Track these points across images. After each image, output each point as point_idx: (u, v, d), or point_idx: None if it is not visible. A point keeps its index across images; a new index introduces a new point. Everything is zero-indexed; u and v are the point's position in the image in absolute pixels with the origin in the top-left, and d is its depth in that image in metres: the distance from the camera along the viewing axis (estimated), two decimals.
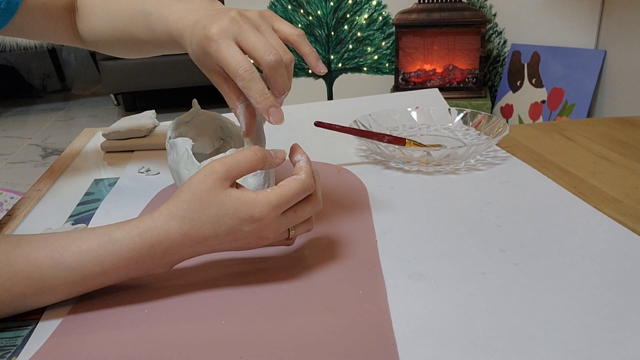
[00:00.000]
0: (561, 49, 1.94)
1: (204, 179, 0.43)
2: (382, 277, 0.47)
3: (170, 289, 0.46)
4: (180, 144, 0.56)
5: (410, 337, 0.40)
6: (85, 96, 3.61)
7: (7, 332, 0.42)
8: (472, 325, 0.41)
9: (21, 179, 2.27)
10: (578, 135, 0.81)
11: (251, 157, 0.44)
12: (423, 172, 0.69)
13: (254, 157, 0.45)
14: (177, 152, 0.56)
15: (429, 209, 0.60)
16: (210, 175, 0.43)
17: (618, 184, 0.64)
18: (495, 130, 0.75)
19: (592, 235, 0.53)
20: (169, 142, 0.58)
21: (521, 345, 0.38)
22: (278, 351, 0.39)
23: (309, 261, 0.50)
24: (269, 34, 0.49)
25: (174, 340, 0.40)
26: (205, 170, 0.44)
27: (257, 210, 0.43)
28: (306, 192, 0.45)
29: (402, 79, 2.04)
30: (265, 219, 0.43)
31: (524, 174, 0.68)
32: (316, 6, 2.09)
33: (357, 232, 0.55)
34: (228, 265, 0.50)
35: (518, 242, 0.52)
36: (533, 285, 0.45)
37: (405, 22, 1.95)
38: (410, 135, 0.80)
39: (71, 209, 0.64)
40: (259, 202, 0.43)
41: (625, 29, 1.76)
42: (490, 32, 2.08)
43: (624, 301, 0.43)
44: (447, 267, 0.48)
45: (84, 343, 0.40)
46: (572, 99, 1.87)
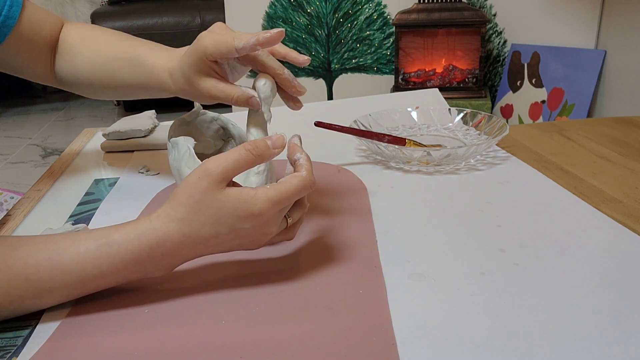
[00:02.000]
0: (561, 49, 1.94)
1: (199, 182, 0.43)
2: (382, 277, 0.47)
3: (169, 292, 0.46)
4: (182, 142, 0.56)
5: (410, 337, 0.40)
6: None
7: (7, 332, 0.42)
8: (472, 325, 0.41)
9: (21, 179, 2.27)
10: (578, 135, 0.81)
11: (246, 156, 0.44)
12: (423, 172, 0.69)
13: (248, 156, 0.44)
14: (178, 151, 0.56)
15: (429, 209, 0.60)
16: (204, 178, 0.43)
17: (618, 184, 0.64)
18: (495, 130, 0.75)
19: (592, 235, 0.53)
20: (170, 141, 0.58)
21: (521, 345, 0.38)
22: (278, 351, 0.39)
23: (309, 261, 0.50)
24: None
25: (174, 342, 0.40)
26: (199, 172, 0.43)
27: (257, 207, 0.43)
28: (307, 189, 0.45)
29: (402, 79, 2.04)
30: (265, 214, 0.43)
31: (524, 174, 0.68)
32: (316, 6, 2.09)
33: (357, 232, 0.55)
34: (228, 267, 0.50)
35: (518, 242, 0.52)
36: (533, 285, 0.45)
37: (405, 22, 1.95)
38: (410, 135, 0.80)
39: (71, 209, 0.64)
40: (258, 199, 0.43)
41: (625, 29, 1.76)
42: (490, 32, 2.08)
43: (624, 301, 0.43)
44: (447, 267, 0.48)
45: (83, 344, 0.40)
46: (572, 99, 1.87)
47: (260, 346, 0.39)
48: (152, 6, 2.88)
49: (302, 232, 0.55)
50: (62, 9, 2.95)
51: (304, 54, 0.54)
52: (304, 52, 2.11)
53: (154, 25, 2.78)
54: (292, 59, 0.54)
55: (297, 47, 2.11)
